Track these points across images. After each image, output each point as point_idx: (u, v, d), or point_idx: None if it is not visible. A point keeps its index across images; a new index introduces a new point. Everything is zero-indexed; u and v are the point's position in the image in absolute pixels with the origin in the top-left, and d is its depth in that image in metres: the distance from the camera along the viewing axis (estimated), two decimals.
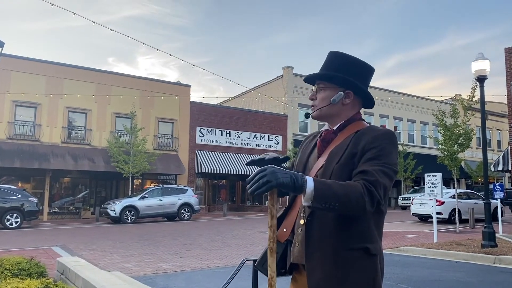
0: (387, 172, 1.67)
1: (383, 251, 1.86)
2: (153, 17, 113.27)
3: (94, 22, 10.41)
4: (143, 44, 11.45)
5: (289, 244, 1.86)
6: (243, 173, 26.72)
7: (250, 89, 28.07)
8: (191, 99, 27.19)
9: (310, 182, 1.55)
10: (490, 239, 9.86)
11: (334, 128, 1.89)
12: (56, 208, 23.02)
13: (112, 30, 10.70)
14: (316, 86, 1.93)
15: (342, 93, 1.85)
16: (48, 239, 13.10)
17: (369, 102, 1.95)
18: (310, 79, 1.96)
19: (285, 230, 1.87)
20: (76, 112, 23.40)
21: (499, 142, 41.49)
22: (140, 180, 25.66)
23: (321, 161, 1.83)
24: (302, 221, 1.79)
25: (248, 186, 1.54)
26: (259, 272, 2.54)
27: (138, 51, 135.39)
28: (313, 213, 1.73)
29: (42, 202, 21.81)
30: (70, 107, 23.05)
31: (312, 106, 1.94)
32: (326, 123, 1.97)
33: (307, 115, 1.99)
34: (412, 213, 19.23)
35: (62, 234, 14.62)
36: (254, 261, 2.49)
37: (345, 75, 1.86)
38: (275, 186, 1.52)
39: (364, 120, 1.92)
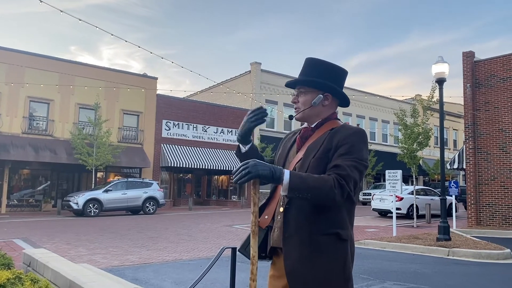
0: (357, 167, 1.86)
1: None
2: (119, 6, 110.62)
3: (62, 11, 10.19)
4: (112, 35, 11.25)
5: (270, 230, 2.05)
6: (209, 168, 26.77)
7: (217, 84, 28.07)
8: (157, 91, 26.93)
9: (286, 174, 1.77)
10: (445, 233, 10.44)
11: (312, 126, 2.09)
12: (15, 201, 22.31)
13: (80, 20, 10.52)
14: (298, 90, 2.11)
15: (322, 96, 2.05)
16: (8, 231, 12.76)
17: (345, 102, 2.16)
18: (291, 84, 2.15)
19: (266, 217, 2.06)
20: (38, 102, 22.67)
21: (455, 142, 43.33)
22: (103, 173, 25.22)
23: (299, 155, 2.04)
24: (281, 209, 1.98)
25: (233, 176, 1.76)
26: (237, 260, 2.73)
27: (102, 40, 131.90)
28: (291, 201, 1.92)
29: (0, 194, 21.08)
30: (31, 96, 22.32)
31: (295, 108, 2.12)
32: (305, 123, 2.16)
33: (291, 117, 2.16)
34: (373, 208, 19.90)
35: (22, 226, 14.26)
36: (233, 249, 2.67)
37: (324, 80, 2.06)
38: (254, 177, 1.74)
39: (339, 120, 2.12)
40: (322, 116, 2.08)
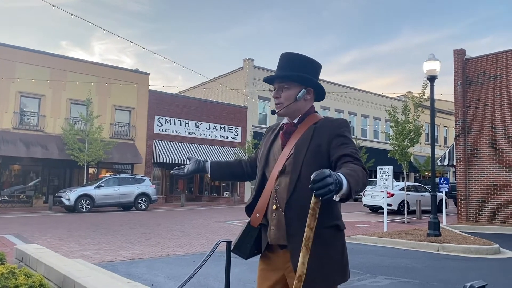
0: (358, 154, 1.94)
1: None
2: (111, 1, 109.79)
3: (54, 6, 10.13)
4: (104, 30, 11.20)
5: (262, 227, 2.08)
6: None
7: (210, 80, 28.05)
8: (149, 87, 26.84)
9: (344, 179, 1.61)
10: (435, 229, 10.57)
11: (295, 121, 2.11)
12: (6, 196, 22.15)
13: (72, 15, 10.46)
14: (278, 85, 2.12)
15: (305, 90, 2.08)
16: (0, 227, 12.69)
17: (322, 95, 2.20)
18: (272, 79, 2.16)
19: (257, 215, 2.07)
20: (29, 97, 22.50)
21: (445, 138, 43.70)
22: (94, 169, 25.12)
23: (286, 151, 2.05)
24: (274, 207, 2.00)
25: (315, 187, 1.50)
26: (232, 254, 2.76)
27: (93, 36, 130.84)
28: (290, 200, 1.95)
29: None
30: (22, 92, 22.14)
31: (277, 104, 2.12)
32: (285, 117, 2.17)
33: (273, 112, 2.18)
34: (364, 204, 20.07)
35: (13, 222, 14.18)
36: (228, 242, 2.70)
37: (306, 74, 2.09)
38: (335, 194, 1.55)
39: (317, 112, 2.17)
40: (303, 111, 2.11)
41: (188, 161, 2.41)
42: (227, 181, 30.08)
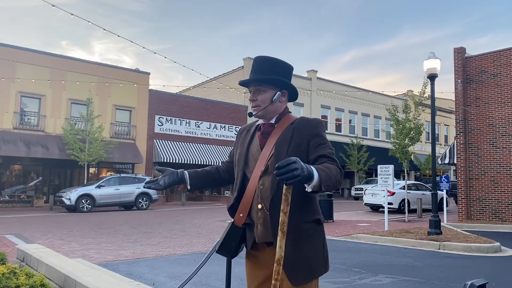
0: (334, 154, 2.04)
1: (337, 238, 2.16)
2: (111, 0, 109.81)
3: (53, 6, 10.13)
4: (104, 30, 11.21)
5: (247, 227, 2.12)
6: (202, 163, 26.77)
7: (210, 79, 28.05)
8: (150, 87, 26.83)
9: (315, 171, 1.75)
10: (436, 227, 10.56)
11: (272, 122, 2.18)
12: (6, 196, 22.19)
13: (72, 14, 10.45)
14: (254, 88, 2.19)
15: (280, 92, 2.16)
16: (0, 227, 12.69)
17: (295, 96, 2.27)
18: (247, 83, 2.22)
19: (241, 215, 2.12)
20: (30, 97, 22.52)
21: (446, 137, 43.68)
22: (95, 169, 25.13)
23: (267, 151, 2.10)
24: (259, 206, 2.05)
25: (279, 172, 1.61)
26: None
27: (93, 35, 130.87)
28: (274, 199, 1.99)
29: None
30: (22, 91, 22.16)
31: (255, 106, 2.19)
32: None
33: (250, 114, 2.24)
34: (365, 203, 20.05)
35: (14, 222, 14.20)
36: None
37: (281, 77, 2.16)
38: (302, 180, 1.67)
39: (290, 112, 2.24)
40: (278, 112, 2.19)
41: (160, 173, 2.32)
42: (206, 190, 30.12)
